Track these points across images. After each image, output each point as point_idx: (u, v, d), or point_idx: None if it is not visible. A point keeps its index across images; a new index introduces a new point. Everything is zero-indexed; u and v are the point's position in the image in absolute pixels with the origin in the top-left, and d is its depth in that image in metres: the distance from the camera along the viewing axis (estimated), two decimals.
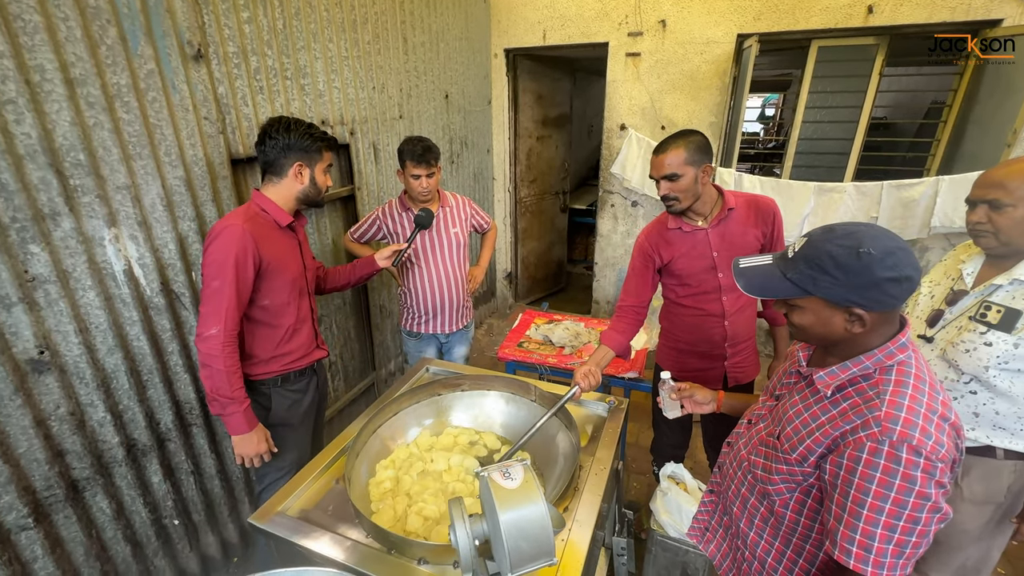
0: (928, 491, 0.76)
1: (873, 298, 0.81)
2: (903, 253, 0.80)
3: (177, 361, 1.60)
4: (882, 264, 0.79)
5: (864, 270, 0.79)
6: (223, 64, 1.63)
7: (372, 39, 2.35)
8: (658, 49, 3.26)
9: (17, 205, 1.17)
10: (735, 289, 1.63)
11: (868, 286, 0.80)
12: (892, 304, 0.82)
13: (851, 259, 0.81)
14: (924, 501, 0.76)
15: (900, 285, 0.79)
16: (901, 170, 3.10)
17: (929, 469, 0.75)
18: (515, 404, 1.62)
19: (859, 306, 0.82)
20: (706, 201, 1.59)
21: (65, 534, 1.35)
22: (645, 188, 3.45)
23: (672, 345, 1.83)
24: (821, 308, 0.86)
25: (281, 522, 1.16)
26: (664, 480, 1.80)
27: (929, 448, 0.75)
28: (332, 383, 2.47)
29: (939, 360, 1.30)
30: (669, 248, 1.66)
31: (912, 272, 0.79)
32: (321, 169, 1.52)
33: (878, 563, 0.78)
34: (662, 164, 1.52)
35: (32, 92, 1.17)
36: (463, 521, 0.88)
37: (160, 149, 1.47)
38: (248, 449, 1.42)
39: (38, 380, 1.26)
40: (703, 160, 1.51)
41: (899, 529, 0.77)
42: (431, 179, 1.98)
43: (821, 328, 0.88)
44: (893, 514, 0.77)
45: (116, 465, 1.46)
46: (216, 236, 1.34)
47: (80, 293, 1.33)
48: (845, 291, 0.82)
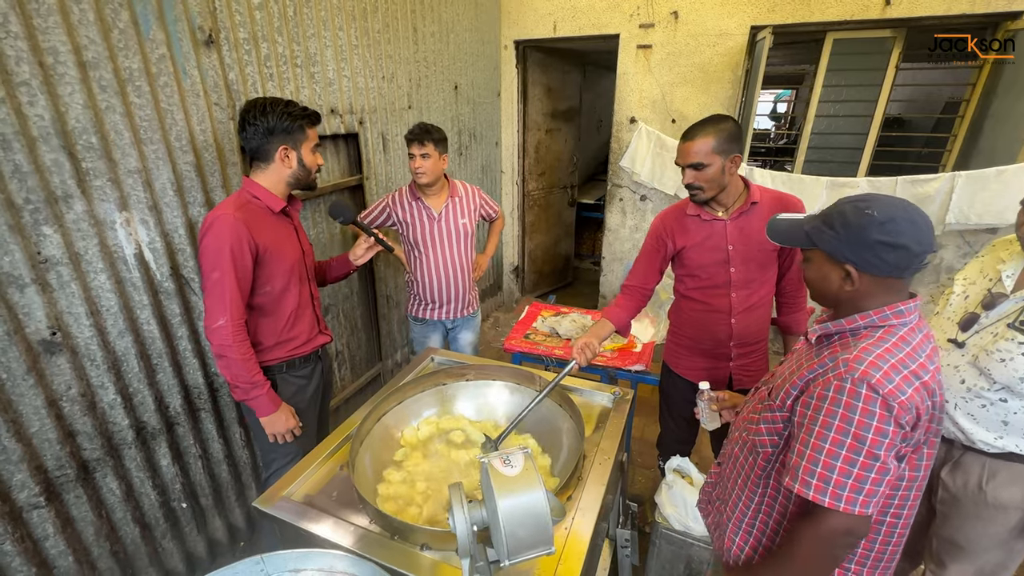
0: (886, 428, 0.79)
1: (866, 259, 0.84)
2: (907, 224, 0.82)
3: (186, 346, 1.61)
4: (880, 228, 0.82)
5: (861, 230, 0.83)
6: (234, 50, 1.63)
7: (382, 28, 2.35)
8: (669, 41, 3.23)
9: (30, 187, 1.18)
10: (745, 286, 1.60)
11: (862, 245, 0.84)
12: (885, 270, 0.84)
13: (854, 217, 0.85)
14: (882, 438, 0.80)
15: (895, 251, 0.82)
16: (917, 166, 3.05)
17: (887, 407, 0.79)
18: (520, 394, 1.61)
19: (852, 264, 0.86)
20: (731, 192, 1.54)
21: (76, 514, 1.37)
22: (654, 182, 3.42)
23: (678, 342, 1.81)
24: (823, 262, 0.91)
25: (286, 506, 1.17)
26: (669, 473, 1.79)
27: (888, 390, 0.79)
28: (339, 372, 2.48)
29: (969, 367, 1.23)
30: (684, 235, 1.63)
31: (910, 243, 0.81)
32: (308, 149, 1.46)
33: (836, 494, 0.82)
34: (688, 152, 1.47)
35: (46, 74, 1.17)
36: (462, 507, 0.88)
37: (171, 134, 1.47)
38: (278, 427, 1.46)
39: (50, 361, 1.28)
40: (732, 150, 1.45)
41: (858, 464, 0.81)
42: (426, 160, 1.98)
43: (821, 283, 0.93)
44: (852, 448, 0.81)
45: (126, 447, 1.48)
46: (209, 227, 1.32)
47: (92, 276, 1.34)
48: (842, 247, 0.86)
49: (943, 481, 1.35)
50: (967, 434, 1.26)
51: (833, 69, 2.91)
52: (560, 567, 1.02)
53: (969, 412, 1.24)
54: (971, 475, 1.28)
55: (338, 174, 2.30)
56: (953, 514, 1.34)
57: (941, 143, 3.00)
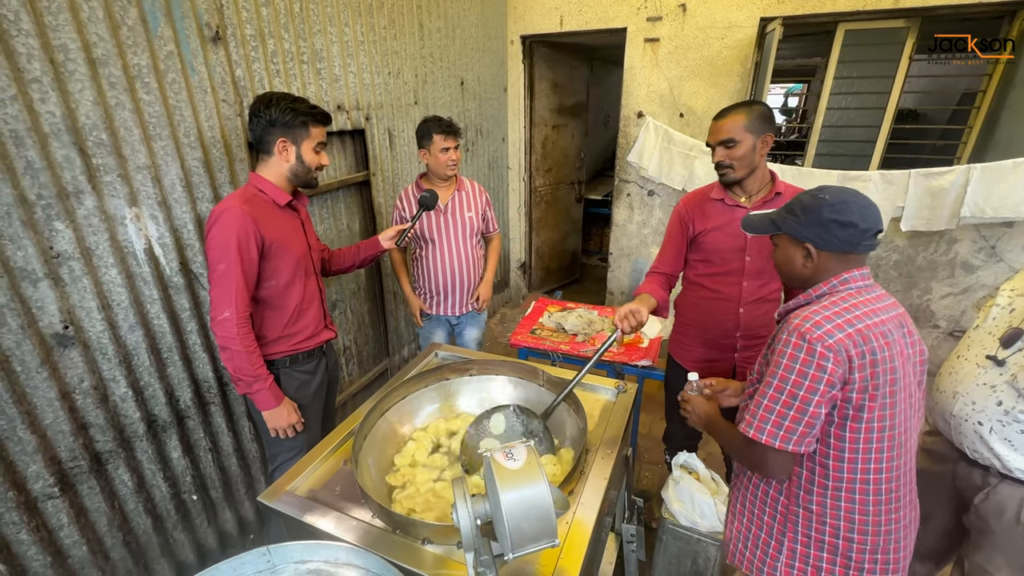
0: (807, 371, 0.92)
1: (822, 237, 0.98)
2: (856, 206, 0.96)
3: (196, 340, 1.63)
4: (831, 208, 0.97)
5: (816, 211, 0.98)
6: (241, 47, 1.64)
7: (388, 24, 2.35)
8: (677, 34, 3.20)
9: (42, 183, 1.20)
10: (757, 276, 1.60)
11: (817, 225, 0.98)
12: (839, 245, 0.98)
13: (810, 202, 1.00)
14: (803, 379, 0.93)
15: (845, 229, 0.96)
16: (931, 159, 3.00)
17: (811, 351, 0.92)
18: (523, 388, 1.61)
19: (811, 242, 1.00)
20: (758, 178, 1.55)
21: (89, 504, 1.40)
22: (662, 177, 3.39)
23: (683, 332, 1.81)
24: (788, 245, 1.06)
25: (290, 501, 1.18)
26: (676, 469, 1.79)
27: (815, 336, 0.92)
28: (346, 368, 2.50)
29: (1008, 387, 1.15)
30: (704, 219, 1.63)
31: (858, 221, 0.95)
32: (309, 146, 1.44)
33: (759, 428, 0.98)
34: (719, 129, 1.49)
35: (56, 71, 1.19)
36: (465, 500, 0.88)
37: (179, 130, 1.49)
38: (280, 421, 1.47)
39: (63, 354, 1.30)
40: (764, 129, 1.46)
41: (780, 402, 0.95)
42: (457, 152, 2.03)
43: (787, 263, 1.07)
44: (778, 388, 0.96)
45: (137, 440, 1.51)
46: (216, 219, 1.33)
47: (103, 271, 1.36)
48: (801, 228, 1.01)
49: (975, 507, 1.27)
50: (1003, 461, 1.17)
51: (845, 61, 2.86)
52: (562, 560, 1.02)
53: (1006, 437, 1.15)
54: (1008, 507, 1.19)
55: (345, 170, 2.31)
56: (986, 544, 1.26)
57: (956, 135, 2.94)
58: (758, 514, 1.13)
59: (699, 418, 1.26)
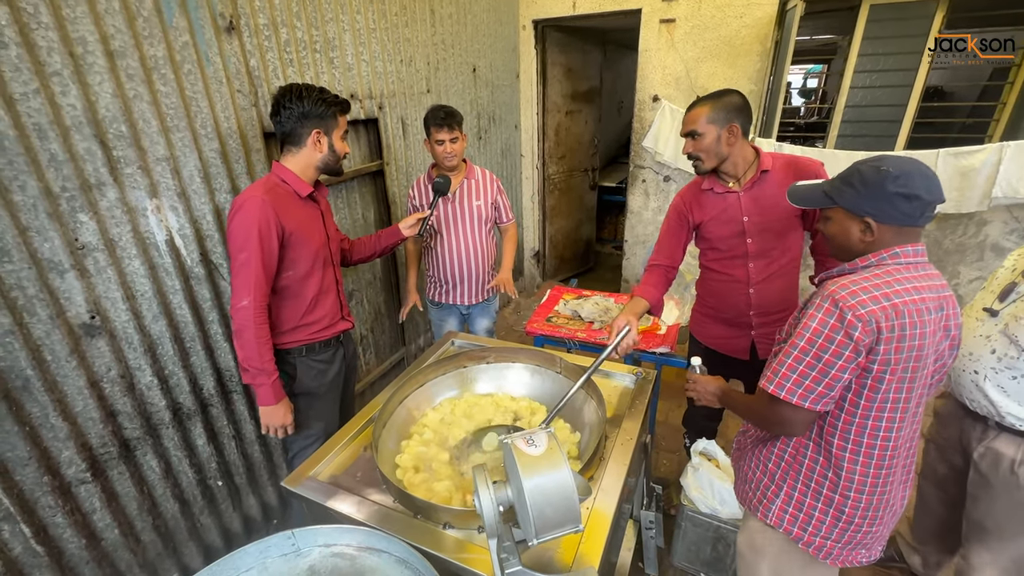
0: (835, 336, 0.93)
1: (883, 210, 0.95)
2: (920, 177, 0.93)
3: (217, 330, 1.66)
4: (895, 181, 0.93)
5: (879, 184, 0.94)
6: (254, 36, 1.64)
7: (399, 10, 2.33)
8: (694, 14, 3.11)
9: (66, 175, 1.22)
10: (762, 256, 1.60)
11: (880, 198, 0.95)
12: (900, 219, 0.95)
13: (872, 175, 0.96)
14: (829, 344, 0.93)
15: (910, 202, 0.93)
16: (960, 137, 2.89)
17: (840, 318, 0.92)
18: (540, 376, 1.61)
19: (871, 216, 0.97)
20: (737, 163, 1.55)
21: (120, 489, 1.44)
22: (678, 162, 3.33)
23: (702, 311, 1.83)
24: (844, 218, 1.02)
25: (313, 486, 1.20)
26: (695, 456, 1.78)
27: (849, 304, 0.92)
28: (363, 357, 2.52)
29: (1000, 336, 1.23)
30: (701, 210, 1.64)
31: (923, 193, 0.92)
32: (339, 135, 1.50)
33: (780, 384, 0.99)
34: (685, 121, 1.54)
35: (76, 64, 1.20)
36: (487, 487, 0.88)
37: (196, 121, 1.50)
38: (274, 420, 1.47)
39: (91, 343, 1.33)
40: (729, 119, 1.47)
41: (804, 362, 0.96)
42: (455, 144, 2.00)
43: (843, 237, 1.03)
44: (803, 349, 0.97)
45: (164, 427, 1.54)
46: (238, 209, 1.35)
47: (126, 261, 1.38)
48: (861, 201, 0.97)
49: (974, 462, 1.34)
50: (997, 407, 1.24)
51: (869, 38, 2.75)
52: (583, 545, 1.02)
53: (1000, 384, 1.23)
54: (1003, 457, 1.26)
55: (359, 160, 2.31)
56: (983, 496, 1.33)
57: (987, 112, 2.82)
58: (763, 460, 1.18)
59: (708, 393, 1.30)
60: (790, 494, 1.12)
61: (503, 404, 1.53)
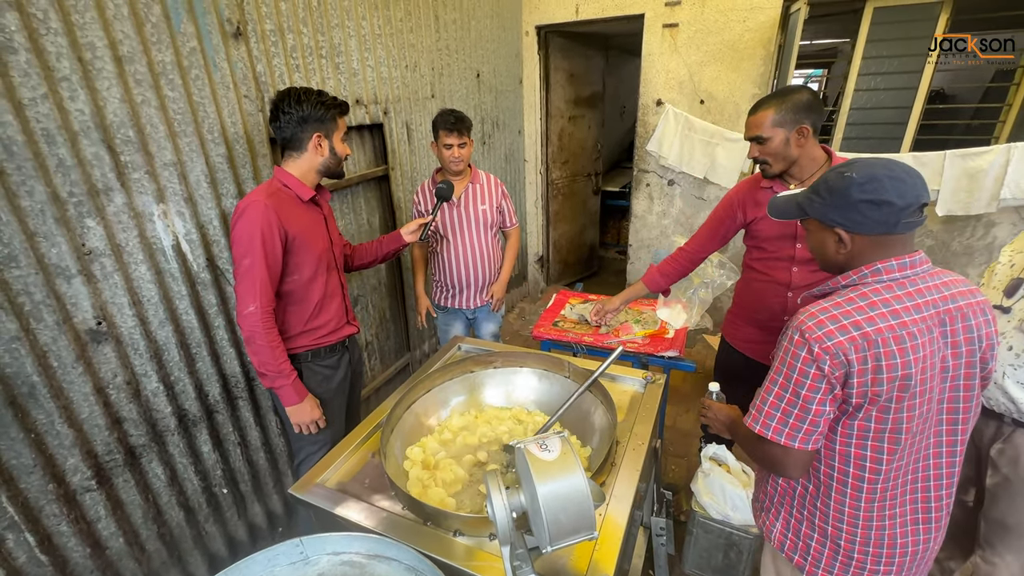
0: (808, 370, 0.88)
1: (852, 219, 0.89)
2: (890, 181, 0.85)
3: (223, 336, 1.65)
4: (861, 187, 0.86)
5: (843, 191, 0.88)
6: (261, 42, 1.65)
7: (404, 16, 2.34)
8: (697, 18, 3.12)
9: (74, 180, 1.22)
10: (809, 262, 1.57)
11: (846, 206, 0.88)
12: (873, 228, 0.88)
13: (836, 181, 0.90)
14: (804, 379, 0.88)
15: (880, 209, 0.86)
16: (964, 139, 2.87)
17: (810, 351, 0.87)
18: (548, 380, 1.59)
19: (841, 226, 0.91)
20: (805, 166, 1.49)
21: (125, 497, 1.43)
22: (682, 166, 3.33)
23: (736, 312, 1.82)
24: (818, 229, 0.97)
25: (320, 493, 1.18)
26: (706, 461, 1.75)
27: (815, 336, 0.86)
28: (368, 363, 2.51)
29: (1016, 332, 1.21)
30: (756, 207, 1.62)
31: (894, 198, 0.84)
32: (339, 138, 1.49)
33: (765, 424, 0.94)
34: (749, 125, 1.49)
35: (84, 69, 1.20)
36: (500, 493, 0.86)
37: (203, 127, 1.50)
38: (303, 417, 1.48)
39: (97, 349, 1.32)
40: (798, 120, 1.41)
41: (785, 399, 0.92)
42: (463, 149, 2.00)
43: (820, 249, 0.99)
44: (782, 385, 0.92)
45: (169, 434, 1.53)
46: (241, 214, 1.34)
47: (133, 267, 1.38)
48: (828, 210, 0.91)
49: (992, 460, 1.31)
50: (1018, 404, 1.22)
51: (873, 40, 2.75)
52: (596, 553, 1.00)
53: (1019, 380, 1.21)
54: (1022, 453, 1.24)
55: (364, 165, 2.31)
56: (1003, 495, 1.30)
57: (993, 114, 2.81)
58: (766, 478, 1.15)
59: (720, 422, 1.23)
60: (787, 520, 1.08)
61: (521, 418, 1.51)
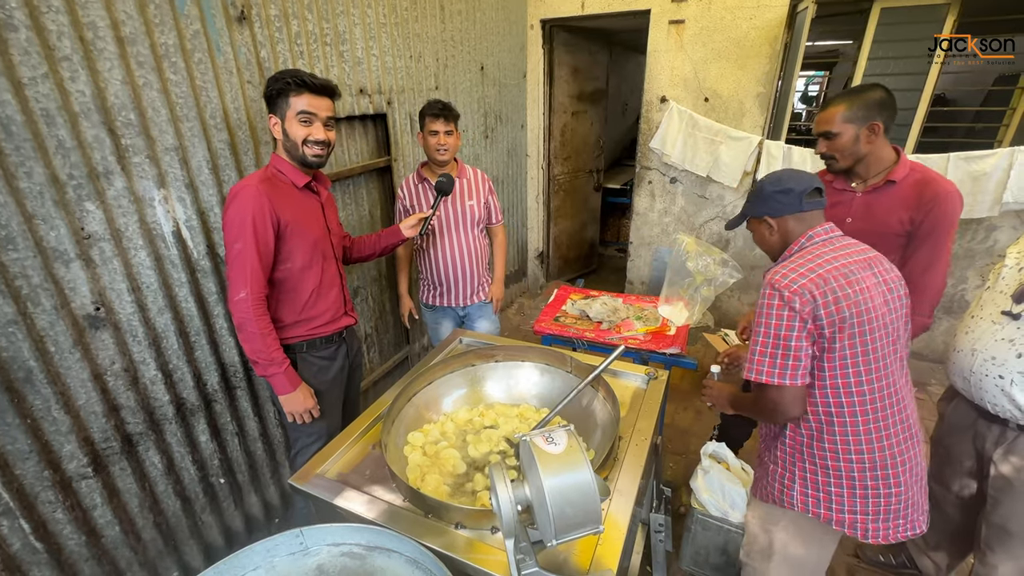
0: (783, 313, 1.07)
1: (771, 207, 1.17)
2: (789, 175, 1.17)
3: (222, 324, 1.63)
4: (770, 184, 1.18)
5: (760, 190, 1.20)
6: (265, 27, 1.62)
7: (409, 5, 2.31)
8: (703, 15, 3.10)
9: (73, 162, 1.19)
10: None
11: (765, 199, 1.18)
12: (787, 208, 1.16)
13: (756, 186, 1.22)
14: (781, 321, 1.07)
15: (787, 195, 1.15)
16: (966, 142, 2.87)
17: (780, 297, 1.07)
18: (550, 375, 1.59)
19: (767, 214, 1.19)
20: (871, 164, 1.47)
21: (121, 485, 1.41)
22: (685, 163, 3.32)
23: None
24: (756, 225, 1.24)
25: (320, 484, 1.17)
26: (705, 459, 1.75)
27: (783, 284, 1.07)
28: (367, 355, 2.49)
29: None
30: None
31: (793, 185, 1.14)
32: (292, 117, 1.33)
33: (758, 370, 1.11)
34: (820, 120, 1.48)
35: (86, 49, 1.18)
36: (505, 485, 0.85)
37: (206, 111, 1.47)
38: (296, 406, 1.46)
39: (95, 335, 1.30)
40: (870, 117, 1.40)
41: (769, 345, 1.09)
42: (449, 137, 1.94)
43: (762, 240, 1.25)
44: (764, 334, 1.10)
45: (167, 422, 1.51)
46: (232, 199, 1.32)
47: (132, 252, 1.36)
48: (756, 206, 1.21)
49: (994, 463, 1.31)
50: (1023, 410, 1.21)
51: (879, 41, 2.74)
52: (600, 548, 0.99)
53: None
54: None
55: (367, 155, 2.29)
56: (1005, 499, 1.30)
57: (996, 117, 2.82)
58: (775, 451, 1.24)
59: (722, 398, 1.37)
60: (803, 475, 1.18)
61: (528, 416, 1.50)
